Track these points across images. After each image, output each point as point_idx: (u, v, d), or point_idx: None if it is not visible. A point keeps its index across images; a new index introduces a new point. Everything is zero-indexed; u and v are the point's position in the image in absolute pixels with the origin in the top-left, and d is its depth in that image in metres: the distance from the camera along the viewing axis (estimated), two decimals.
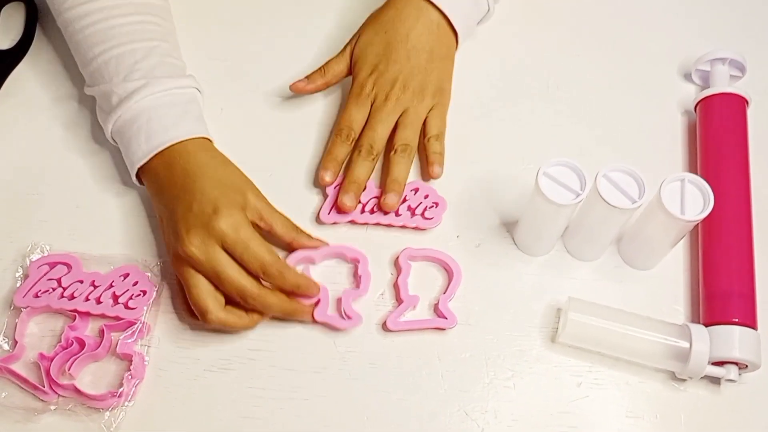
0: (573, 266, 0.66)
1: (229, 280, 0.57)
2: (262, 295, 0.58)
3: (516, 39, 0.77)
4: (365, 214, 0.66)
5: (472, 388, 0.61)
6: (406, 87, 0.67)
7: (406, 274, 0.63)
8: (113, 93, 0.64)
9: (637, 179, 0.59)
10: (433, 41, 0.68)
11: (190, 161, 0.61)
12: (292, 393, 0.60)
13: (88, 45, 0.66)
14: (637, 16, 0.79)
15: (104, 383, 0.60)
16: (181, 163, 0.61)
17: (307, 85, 0.69)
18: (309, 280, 0.61)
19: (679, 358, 0.59)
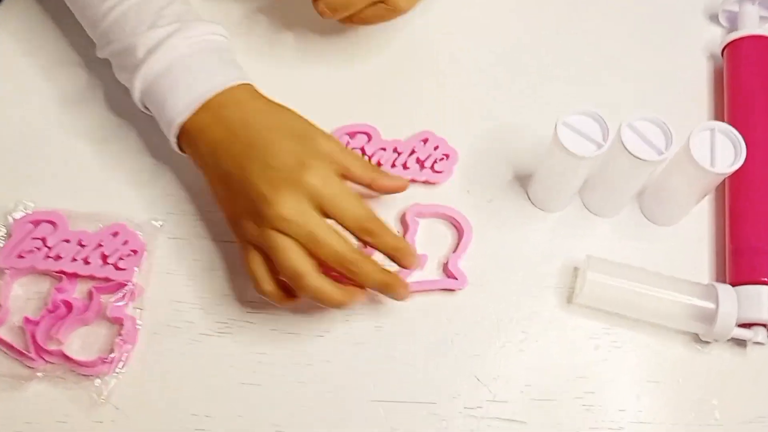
0: (591, 222, 0.62)
1: (328, 243, 0.50)
2: (361, 261, 0.51)
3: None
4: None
5: (484, 352, 0.57)
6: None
7: (413, 232, 0.59)
8: (138, 45, 0.56)
9: (664, 129, 0.54)
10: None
11: (247, 111, 0.54)
12: (294, 358, 0.57)
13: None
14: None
15: (94, 349, 0.57)
16: (237, 114, 0.54)
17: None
18: (408, 243, 0.54)
19: (704, 320, 0.56)
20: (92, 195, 0.62)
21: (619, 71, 0.69)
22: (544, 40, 0.70)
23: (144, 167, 0.63)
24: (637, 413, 0.56)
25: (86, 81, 0.66)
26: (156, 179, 0.62)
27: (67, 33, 0.68)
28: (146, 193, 0.62)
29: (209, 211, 0.61)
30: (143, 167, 0.63)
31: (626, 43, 0.70)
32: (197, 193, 0.62)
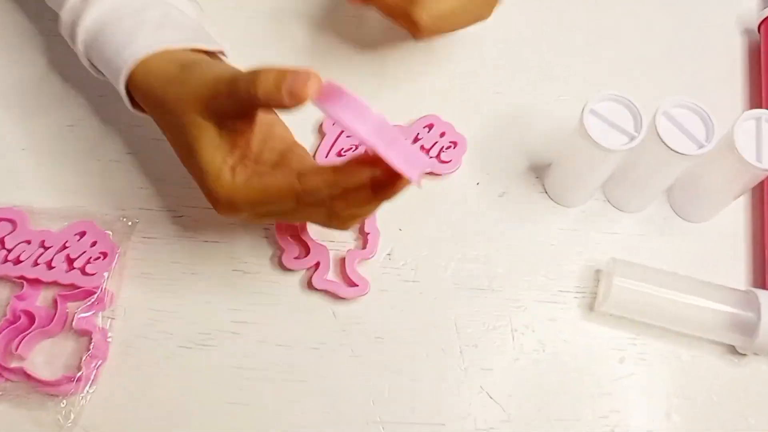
0: (615, 218, 0.56)
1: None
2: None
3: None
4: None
5: (496, 366, 0.52)
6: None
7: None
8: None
9: (703, 117, 0.48)
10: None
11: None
12: (286, 373, 0.51)
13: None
14: None
15: (60, 365, 0.50)
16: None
17: None
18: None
19: (742, 331, 0.50)
20: (55, 189, 0.55)
21: (644, 48, 0.62)
22: (564, 14, 0.63)
23: (114, 156, 0.56)
24: None
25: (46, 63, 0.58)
26: (128, 169, 0.56)
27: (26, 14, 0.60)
28: (117, 185, 0.55)
29: (189, 206, 0.54)
30: (114, 156, 0.56)
31: (652, 14, 0.63)
32: (174, 186, 0.55)
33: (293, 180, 0.42)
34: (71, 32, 0.50)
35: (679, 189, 0.55)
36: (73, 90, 0.58)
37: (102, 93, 0.57)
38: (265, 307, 0.52)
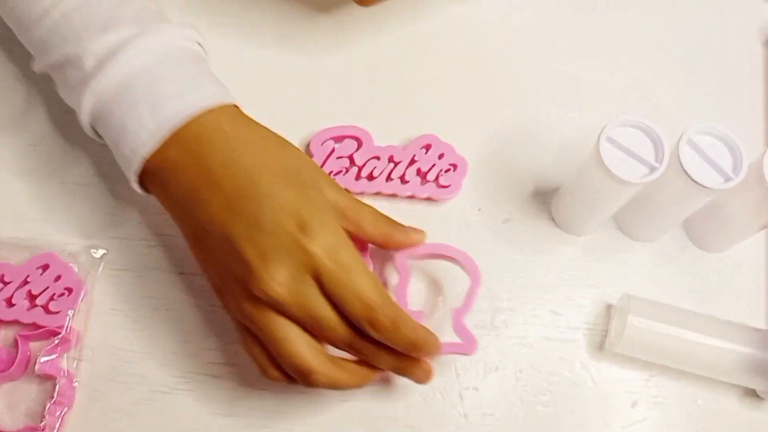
0: (627, 248, 0.52)
1: (333, 326, 0.41)
2: (375, 350, 0.42)
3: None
4: (361, 180, 0.51)
5: (499, 410, 0.48)
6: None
7: (404, 282, 0.47)
8: (86, 53, 0.43)
9: (731, 145, 0.44)
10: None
11: (232, 144, 0.42)
12: (269, 420, 0.47)
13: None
14: None
15: (22, 411, 0.46)
16: (219, 148, 0.41)
17: None
18: (430, 334, 0.43)
19: (764, 374, 0.46)
20: (16, 215, 0.50)
21: (656, 55, 0.57)
22: (575, 26, 0.58)
23: (81, 179, 0.51)
24: None
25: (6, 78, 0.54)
26: (96, 194, 0.51)
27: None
28: (84, 211, 0.50)
29: (162, 235, 0.50)
30: (80, 179, 0.51)
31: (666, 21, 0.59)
32: (146, 212, 0.50)
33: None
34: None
35: (698, 218, 0.51)
36: (36, 106, 0.53)
37: (68, 109, 0.52)
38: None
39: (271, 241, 0.40)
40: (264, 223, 0.40)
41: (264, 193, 0.40)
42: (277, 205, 0.40)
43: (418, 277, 0.50)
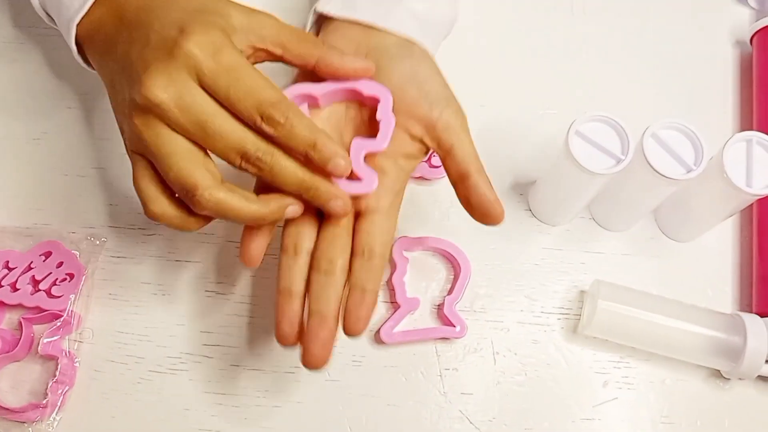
0: (600, 237, 0.55)
1: (220, 130, 0.38)
2: (270, 151, 0.39)
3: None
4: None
5: (477, 389, 0.50)
6: None
7: (402, 272, 0.51)
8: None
9: (692, 139, 0.46)
10: None
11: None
12: (260, 399, 0.49)
13: None
14: None
15: (25, 390, 0.49)
16: (133, 1, 0.42)
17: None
18: (329, 139, 0.40)
19: (728, 356, 0.49)
20: (20, 205, 0.53)
21: (630, 56, 0.60)
22: (550, 28, 0.61)
23: (82, 171, 0.54)
24: None
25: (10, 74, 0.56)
26: (96, 185, 0.54)
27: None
28: (84, 202, 0.53)
29: (159, 224, 0.52)
30: (81, 171, 0.54)
31: (639, 25, 0.62)
32: None
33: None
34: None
35: (666, 209, 0.53)
36: (39, 102, 0.56)
37: (70, 105, 0.55)
38: (239, 330, 0.51)
39: (155, 52, 0.39)
40: (150, 40, 0.39)
41: (156, 18, 0.40)
42: (165, 22, 0.40)
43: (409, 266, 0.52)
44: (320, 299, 0.41)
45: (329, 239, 0.43)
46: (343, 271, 0.42)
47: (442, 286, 0.53)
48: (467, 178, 0.44)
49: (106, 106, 0.55)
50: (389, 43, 0.45)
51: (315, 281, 0.42)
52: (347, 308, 0.42)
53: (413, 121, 0.44)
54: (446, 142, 0.44)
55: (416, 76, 0.44)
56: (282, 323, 0.42)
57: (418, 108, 0.44)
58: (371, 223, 0.43)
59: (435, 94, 0.44)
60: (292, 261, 0.43)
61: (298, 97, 0.43)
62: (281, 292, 0.42)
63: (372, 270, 0.42)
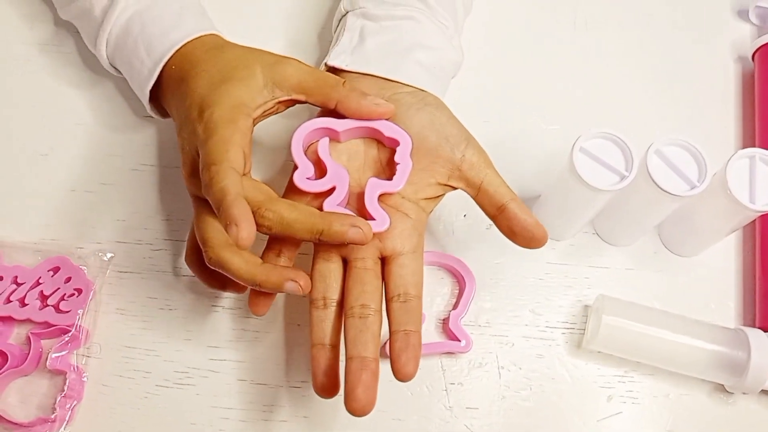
0: (604, 252, 0.55)
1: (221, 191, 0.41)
2: (273, 206, 0.42)
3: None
4: None
5: (482, 404, 0.50)
6: None
7: None
8: (94, 4, 0.50)
9: (696, 155, 0.47)
10: None
11: (200, 64, 0.46)
12: (266, 413, 0.49)
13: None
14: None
15: (34, 404, 0.49)
16: (191, 68, 0.47)
17: None
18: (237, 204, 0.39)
19: (732, 371, 0.49)
20: (28, 221, 0.53)
21: (632, 72, 0.61)
22: (554, 42, 0.62)
23: (89, 187, 0.54)
24: None
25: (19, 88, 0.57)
26: (104, 201, 0.54)
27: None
28: (92, 217, 0.54)
29: (167, 240, 0.53)
30: (88, 187, 0.54)
31: (642, 40, 0.62)
32: (151, 217, 0.54)
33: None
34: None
35: (670, 224, 0.54)
36: (47, 117, 0.56)
37: (78, 121, 0.55)
38: (245, 344, 0.51)
39: (185, 129, 0.45)
40: (183, 117, 0.45)
41: (189, 91, 0.45)
42: (192, 98, 0.44)
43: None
44: (358, 343, 0.43)
45: (359, 285, 0.44)
46: (377, 313, 0.44)
47: (447, 301, 0.53)
48: (505, 209, 0.45)
49: (114, 123, 0.56)
50: (404, 93, 0.48)
51: (351, 327, 0.43)
52: (395, 353, 0.43)
53: (437, 166, 0.46)
54: (475, 180, 0.46)
55: (434, 123, 0.47)
56: (319, 375, 0.43)
57: (441, 151, 0.46)
58: (401, 266, 0.45)
59: (455, 137, 0.46)
60: (323, 314, 0.44)
61: (320, 130, 0.45)
62: (315, 345, 0.44)
63: (411, 312, 0.44)
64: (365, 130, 0.46)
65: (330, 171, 0.45)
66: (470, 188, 0.46)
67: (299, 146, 0.45)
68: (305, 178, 0.44)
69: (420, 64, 0.50)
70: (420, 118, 0.47)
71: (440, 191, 0.47)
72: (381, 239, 0.45)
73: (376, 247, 0.45)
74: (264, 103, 0.44)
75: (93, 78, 0.57)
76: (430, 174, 0.46)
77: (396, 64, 0.49)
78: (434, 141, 0.46)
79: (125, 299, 0.52)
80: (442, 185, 0.47)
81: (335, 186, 0.44)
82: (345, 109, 0.45)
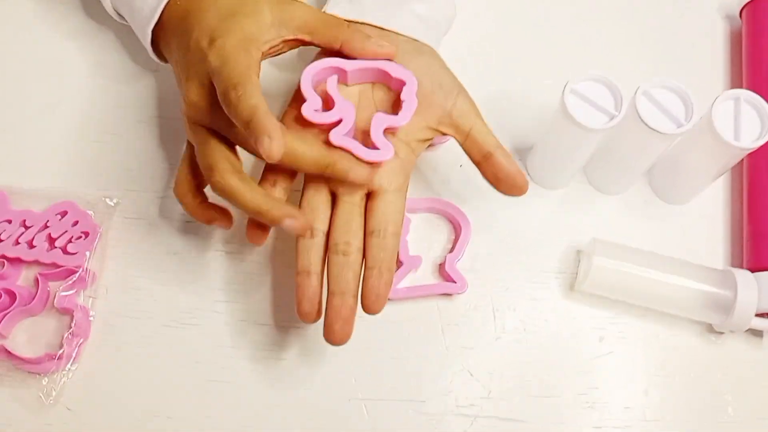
0: (596, 200, 0.57)
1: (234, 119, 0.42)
2: (278, 129, 0.41)
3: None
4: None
5: (478, 344, 0.52)
6: None
7: (405, 231, 0.53)
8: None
9: (683, 97, 0.49)
10: None
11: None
12: (267, 352, 0.51)
13: None
14: None
15: (42, 343, 0.50)
16: (182, 8, 0.47)
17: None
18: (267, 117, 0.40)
19: (720, 309, 0.51)
20: (37, 169, 0.55)
21: (627, 32, 0.62)
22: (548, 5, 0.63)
23: (97, 137, 0.56)
24: (645, 410, 0.51)
25: (28, 41, 0.58)
26: (111, 150, 0.55)
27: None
28: (100, 166, 0.55)
29: (170, 188, 0.54)
30: (96, 137, 0.56)
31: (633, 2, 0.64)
32: (157, 167, 0.55)
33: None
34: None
35: (659, 171, 0.55)
36: (56, 69, 0.58)
37: (87, 73, 0.57)
38: (247, 287, 0.52)
39: (193, 59, 0.45)
40: (191, 46, 0.45)
41: (196, 23, 0.45)
42: (201, 29, 0.45)
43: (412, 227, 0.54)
44: (340, 279, 0.44)
45: (344, 221, 0.46)
46: (359, 250, 0.45)
47: (444, 246, 0.54)
48: (490, 156, 0.47)
49: (121, 76, 0.58)
50: (401, 41, 0.49)
51: (334, 262, 0.45)
52: (366, 287, 0.44)
53: (429, 111, 0.48)
54: (464, 127, 0.48)
55: (429, 70, 0.48)
56: (303, 302, 0.45)
57: (434, 97, 0.48)
58: (384, 202, 0.46)
59: (448, 86, 0.48)
60: (309, 243, 0.46)
61: (329, 69, 0.47)
62: (300, 272, 0.45)
63: (387, 248, 0.45)
64: (373, 71, 0.47)
65: (337, 104, 0.46)
66: (459, 134, 0.48)
67: (308, 82, 0.46)
68: (313, 111, 0.46)
69: (415, 14, 0.51)
70: (416, 64, 0.48)
71: (430, 135, 0.49)
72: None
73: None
74: (271, 39, 0.46)
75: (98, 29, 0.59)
76: (422, 118, 0.48)
77: (392, 14, 0.50)
78: (428, 87, 0.48)
79: (131, 244, 0.53)
80: (433, 129, 0.48)
81: (342, 118, 0.46)
82: (349, 50, 0.47)
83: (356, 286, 0.45)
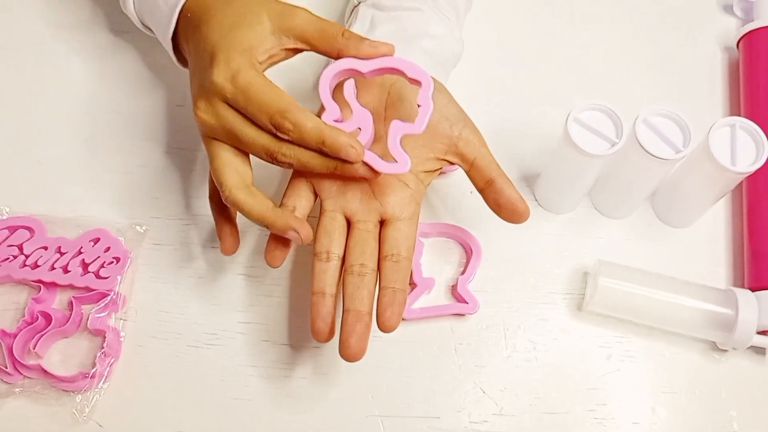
0: (601, 224, 0.59)
1: (247, 138, 0.46)
2: (292, 149, 0.45)
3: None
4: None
5: (489, 362, 0.54)
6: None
7: (418, 254, 0.56)
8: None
9: (681, 124, 0.51)
10: None
11: (200, 9, 0.49)
12: (288, 370, 0.53)
13: None
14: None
15: (75, 362, 0.53)
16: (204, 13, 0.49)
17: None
18: (338, 131, 0.45)
19: (722, 327, 0.52)
20: (71, 198, 0.58)
21: (629, 65, 0.65)
22: (551, 33, 0.67)
23: (127, 168, 0.59)
24: (652, 426, 0.53)
25: (62, 82, 0.62)
26: (139, 181, 0.59)
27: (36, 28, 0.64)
28: (129, 196, 0.58)
29: (196, 215, 0.58)
30: (126, 168, 0.59)
31: (635, 31, 0.67)
32: (183, 195, 0.58)
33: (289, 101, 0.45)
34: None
35: (661, 195, 0.58)
36: (86, 107, 0.61)
37: (116, 110, 0.61)
38: (269, 309, 0.55)
39: (198, 77, 0.47)
40: (197, 64, 0.48)
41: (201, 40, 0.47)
42: (204, 45, 0.47)
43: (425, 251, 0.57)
44: (354, 297, 0.47)
45: (359, 245, 0.48)
46: (373, 272, 0.48)
47: (456, 269, 0.57)
48: (492, 183, 0.50)
49: (149, 110, 0.61)
50: None
51: (349, 282, 0.47)
52: (381, 307, 0.46)
53: (436, 142, 0.50)
54: (469, 156, 0.50)
55: (437, 104, 0.50)
56: (317, 320, 0.47)
57: (440, 128, 0.50)
58: (397, 230, 0.49)
59: (454, 117, 0.51)
60: (325, 266, 0.48)
61: (345, 71, 0.48)
62: (315, 293, 0.47)
63: (400, 271, 0.48)
64: (389, 72, 0.48)
65: (355, 113, 0.47)
66: (464, 163, 0.51)
67: (326, 88, 0.47)
68: (332, 121, 0.47)
69: (425, 51, 0.54)
70: None
71: (438, 165, 0.51)
72: (383, 204, 0.49)
73: (377, 212, 0.49)
74: (271, 48, 0.47)
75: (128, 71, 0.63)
76: (429, 149, 0.50)
77: (403, 50, 0.53)
78: (435, 119, 0.50)
79: (159, 268, 0.56)
80: (440, 160, 0.51)
81: (360, 128, 0.47)
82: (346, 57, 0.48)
83: (371, 304, 0.47)
